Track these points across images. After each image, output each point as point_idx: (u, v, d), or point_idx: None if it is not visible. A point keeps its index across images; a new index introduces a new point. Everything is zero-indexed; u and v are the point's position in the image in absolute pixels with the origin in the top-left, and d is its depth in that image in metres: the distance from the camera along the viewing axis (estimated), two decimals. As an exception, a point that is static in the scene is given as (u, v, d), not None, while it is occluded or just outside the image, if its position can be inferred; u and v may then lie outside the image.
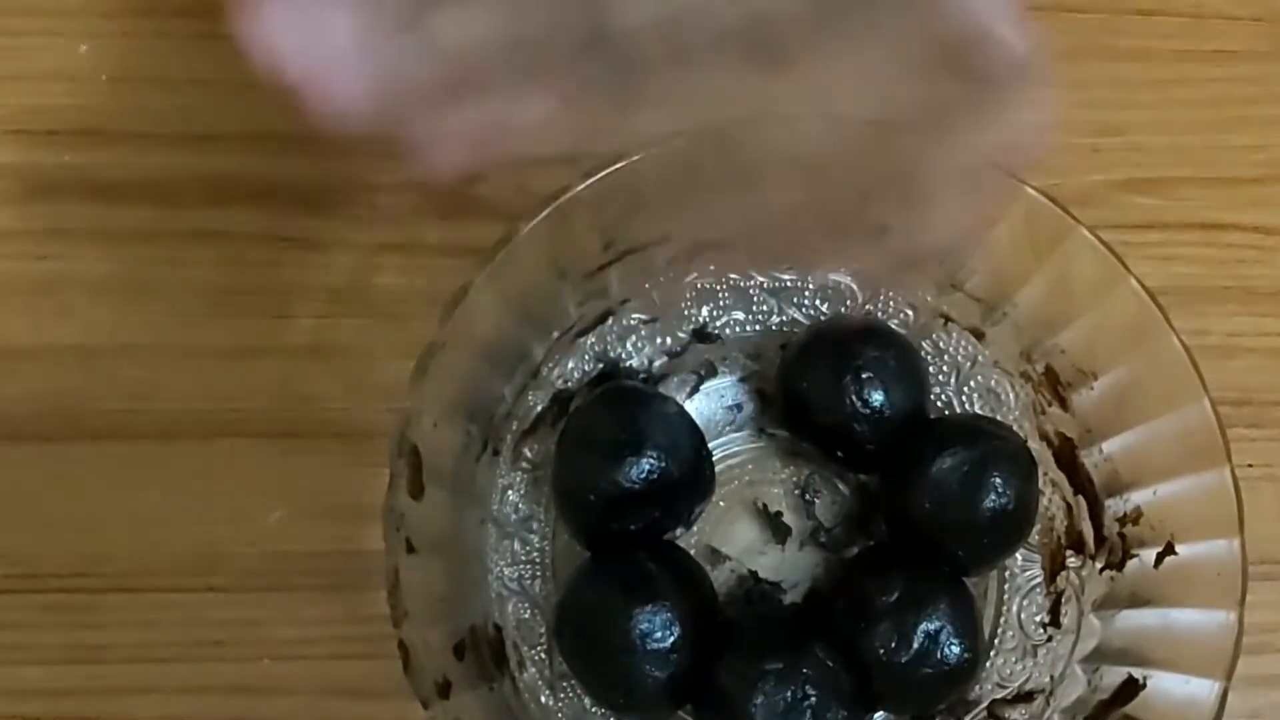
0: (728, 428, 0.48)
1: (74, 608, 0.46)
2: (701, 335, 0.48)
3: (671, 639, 0.41)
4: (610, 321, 0.47)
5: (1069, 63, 0.54)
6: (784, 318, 0.49)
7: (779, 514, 0.47)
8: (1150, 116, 0.54)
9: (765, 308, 0.49)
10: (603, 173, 0.42)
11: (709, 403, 0.49)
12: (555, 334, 0.46)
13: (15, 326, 0.49)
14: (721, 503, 0.47)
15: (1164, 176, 0.53)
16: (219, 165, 0.51)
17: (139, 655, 0.46)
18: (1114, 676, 0.43)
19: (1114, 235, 0.47)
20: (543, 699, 0.45)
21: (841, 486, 0.48)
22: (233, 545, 0.47)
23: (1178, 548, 0.43)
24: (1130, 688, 0.42)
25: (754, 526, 0.47)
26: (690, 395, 0.48)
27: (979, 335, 0.48)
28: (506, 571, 0.46)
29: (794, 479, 0.48)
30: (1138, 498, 0.44)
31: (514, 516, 0.46)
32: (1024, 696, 0.45)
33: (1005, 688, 0.45)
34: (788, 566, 0.47)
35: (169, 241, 0.50)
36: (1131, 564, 0.44)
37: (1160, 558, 0.43)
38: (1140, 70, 0.54)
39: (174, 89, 0.51)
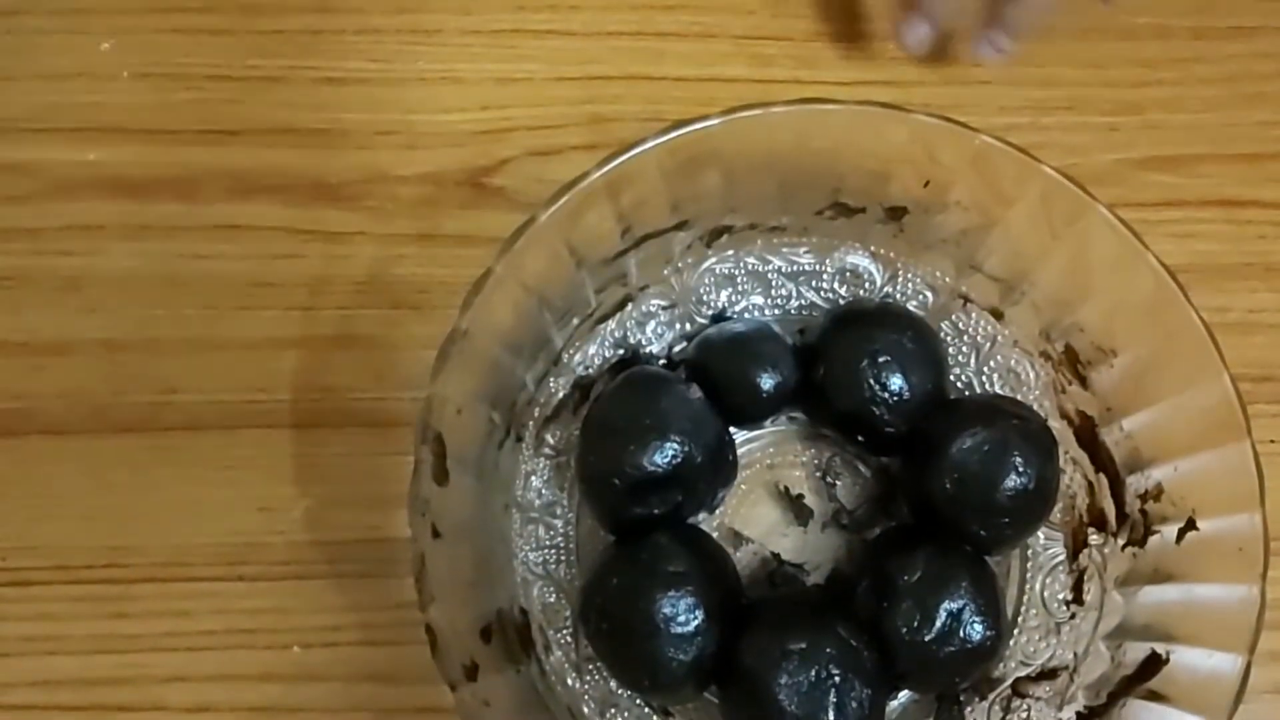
0: (749, 411, 0.49)
1: (105, 598, 0.47)
2: (720, 320, 0.48)
3: (695, 622, 0.41)
4: (629, 308, 0.48)
5: (1087, 42, 0.54)
6: (802, 301, 0.49)
7: (800, 496, 0.47)
8: (1168, 94, 0.54)
9: (784, 292, 0.49)
10: (618, 160, 0.42)
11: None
12: (575, 321, 0.47)
13: (42, 322, 0.49)
14: (743, 486, 0.48)
15: (1183, 154, 0.53)
16: (241, 160, 0.51)
17: (170, 644, 0.47)
18: (1137, 652, 0.43)
19: (1133, 213, 0.47)
20: (569, 681, 0.45)
21: (862, 468, 0.48)
22: (261, 535, 0.47)
23: (1199, 523, 0.43)
24: (1154, 663, 0.42)
25: (776, 509, 0.48)
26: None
27: (998, 315, 0.48)
28: (531, 556, 0.46)
29: (815, 462, 0.48)
30: (1159, 474, 0.44)
31: (537, 502, 0.47)
32: (1048, 674, 0.45)
33: (1029, 665, 0.46)
34: (810, 548, 0.47)
35: (193, 236, 0.50)
36: (1153, 540, 0.44)
37: (1182, 533, 0.43)
38: (1158, 48, 0.54)
39: (195, 85, 0.52)
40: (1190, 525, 0.43)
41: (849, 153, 0.45)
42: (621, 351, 0.48)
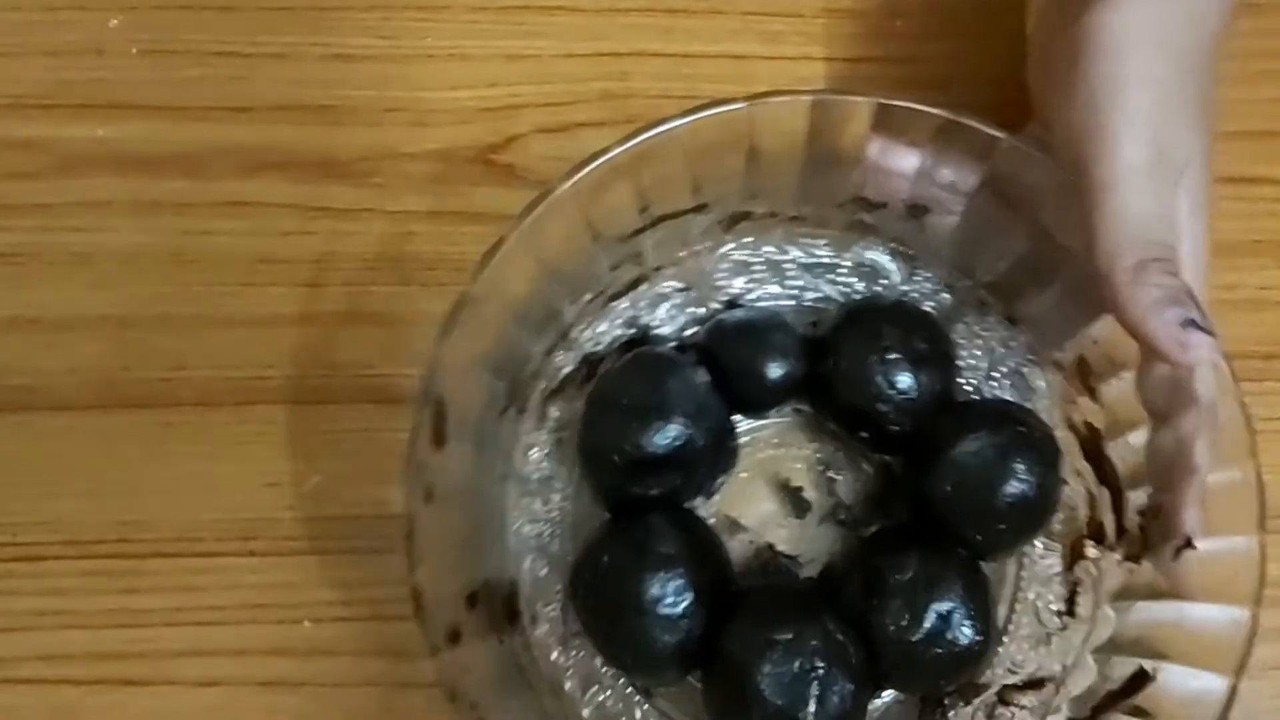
0: (756, 400, 0.48)
1: (116, 573, 0.47)
2: (734, 307, 0.48)
3: (683, 606, 0.41)
4: (643, 287, 0.47)
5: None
6: (819, 294, 0.48)
7: (799, 489, 0.47)
8: (1179, 71, 0.53)
9: (800, 283, 0.48)
10: (642, 137, 0.42)
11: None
12: (587, 296, 0.47)
13: (52, 299, 0.49)
14: (744, 474, 0.47)
15: (1193, 131, 0.52)
16: (250, 136, 0.51)
17: (180, 619, 0.47)
18: (1125, 667, 0.42)
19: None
20: (553, 656, 0.45)
21: (865, 466, 0.47)
22: (271, 510, 0.48)
23: (1196, 542, 0.41)
24: (1140, 679, 0.42)
25: (774, 500, 0.47)
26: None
27: (1013, 321, 0.47)
28: (526, 528, 0.46)
29: (818, 455, 0.48)
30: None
31: (536, 475, 0.46)
32: (1034, 683, 0.45)
33: (1016, 673, 0.45)
34: (806, 541, 0.47)
35: (201, 212, 0.50)
36: (1162, 556, 0.42)
37: (1178, 552, 0.41)
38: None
39: (204, 61, 0.52)
40: (1188, 544, 0.41)
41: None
42: (632, 331, 0.47)
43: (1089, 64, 0.40)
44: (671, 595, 0.41)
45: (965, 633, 0.41)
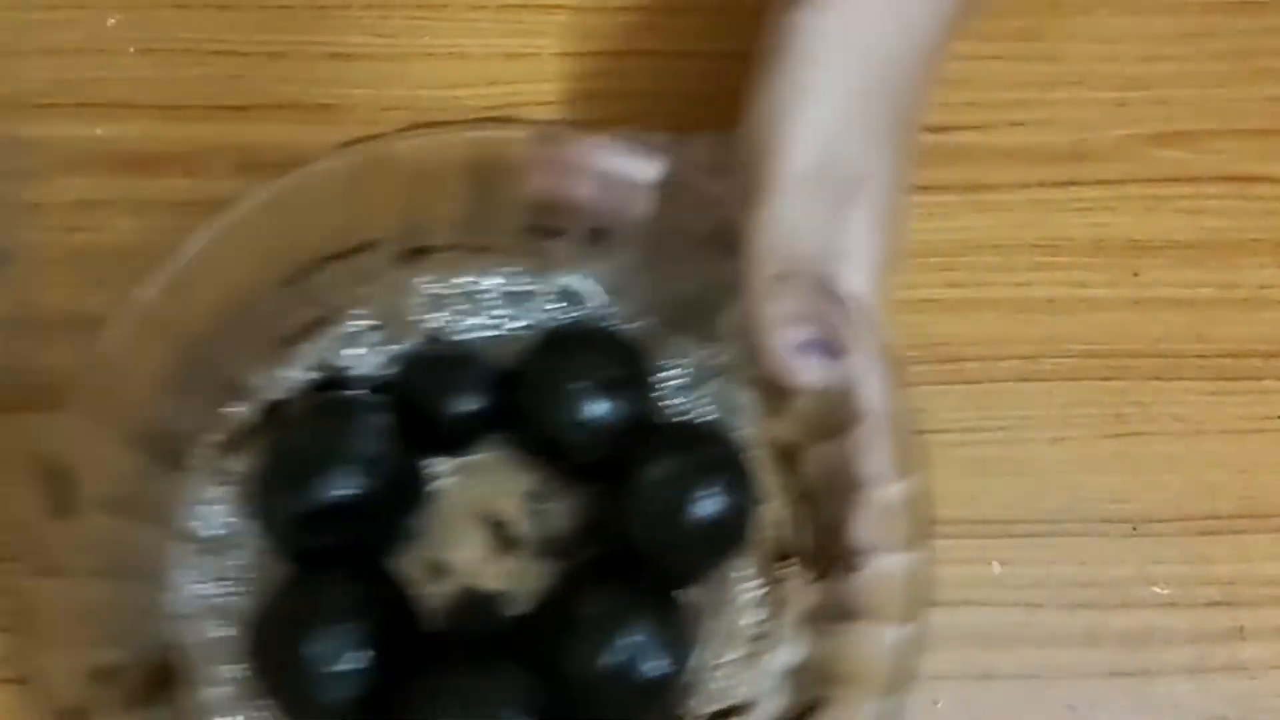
0: (463, 435, 0.46)
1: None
2: (437, 342, 0.46)
3: (358, 661, 0.39)
4: (327, 329, 0.45)
5: (1095, 17, 0.54)
6: (526, 323, 0.46)
7: (505, 524, 0.45)
8: (1178, 69, 0.53)
9: (503, 313, 0.46)
10: (278, 184, 0.41)
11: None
12: (254, 344, 0.44)
13: (51, 299, 0.49)
14: (452, 514, 0.45)
15: (1192, 129, 0.52)
16: (247, 135, 0.51)
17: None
18: (813, 690, 0.41)
19: (1142, 190, 0.47)
20: (231, 719, 0.42)
21: (574, 495, 0.45)
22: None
23: (864, 559, 0.40)
24: (821, 702, 0.40)
25: (483, 538, 0.45)
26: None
27: (716, 339, 0.45)
28: (199, 589, 0.43)
29: (526, 488, 0.45)
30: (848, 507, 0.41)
31: (213, 532, 0.44)
32: (734, 710, 0.42)
33: (717, 700, 0.43)
34: (519, 578, 0.44)
35: (200, 211, 0.49)
36: (838, 575, 0.41)
37: (847, 570, 0.40)
38: (1168, 23, 0.54)
39: (202, 60, 0.52)
40: (854, 561, 0.40)
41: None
42: (321, 374, 0.45)
43: (779, 67, 0.39)
44: (342, 651, 0.39)
45: (655, 665, 0.40)
